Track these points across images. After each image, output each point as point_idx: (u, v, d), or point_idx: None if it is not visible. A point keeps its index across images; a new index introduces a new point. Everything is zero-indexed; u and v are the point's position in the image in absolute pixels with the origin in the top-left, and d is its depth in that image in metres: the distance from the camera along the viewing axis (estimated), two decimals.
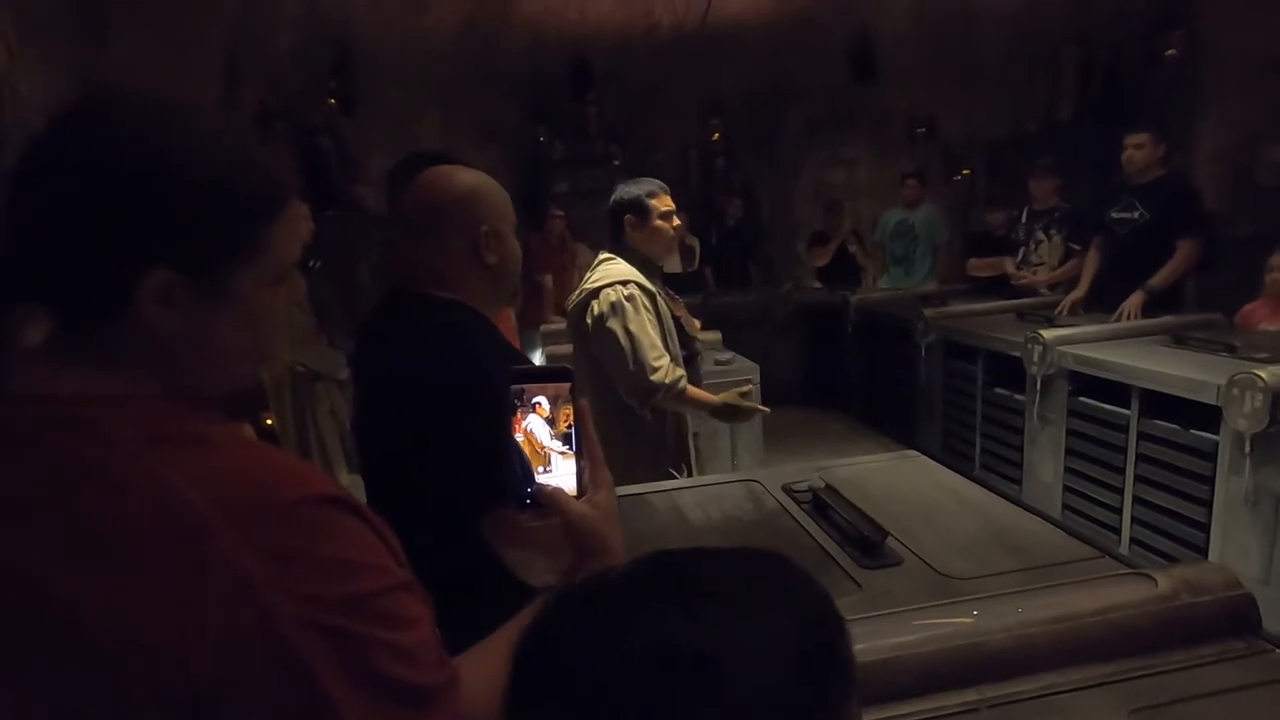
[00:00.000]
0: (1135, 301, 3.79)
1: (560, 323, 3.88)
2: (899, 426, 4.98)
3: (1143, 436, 3.11)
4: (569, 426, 0.83)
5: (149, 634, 0.56)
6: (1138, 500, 3.15)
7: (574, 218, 5.67)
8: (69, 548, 0.58)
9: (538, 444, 0.83)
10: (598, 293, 2.29)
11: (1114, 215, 4.01)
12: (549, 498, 0.82)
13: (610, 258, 2.38)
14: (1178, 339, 3.39)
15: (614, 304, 2.25)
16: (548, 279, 5.34)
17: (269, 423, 3.79)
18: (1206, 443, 2.82)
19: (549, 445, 0.83)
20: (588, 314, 2.30)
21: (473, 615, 0.81)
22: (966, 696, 1.03)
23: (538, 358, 4.23)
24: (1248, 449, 2.61)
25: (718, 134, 7.02)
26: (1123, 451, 3.19)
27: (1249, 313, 3.66)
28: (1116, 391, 3.21)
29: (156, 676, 0.56)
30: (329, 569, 0.62)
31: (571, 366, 0.87)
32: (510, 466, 0.82)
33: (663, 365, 2.23)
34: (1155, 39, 5.60)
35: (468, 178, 1.41)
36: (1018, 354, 3.71)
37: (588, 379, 2.29)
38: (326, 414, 4.11)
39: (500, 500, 0.85)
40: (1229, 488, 2.73)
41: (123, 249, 0.62)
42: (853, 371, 5.73)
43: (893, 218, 6.03)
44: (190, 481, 0.59)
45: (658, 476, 2.21)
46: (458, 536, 1.17)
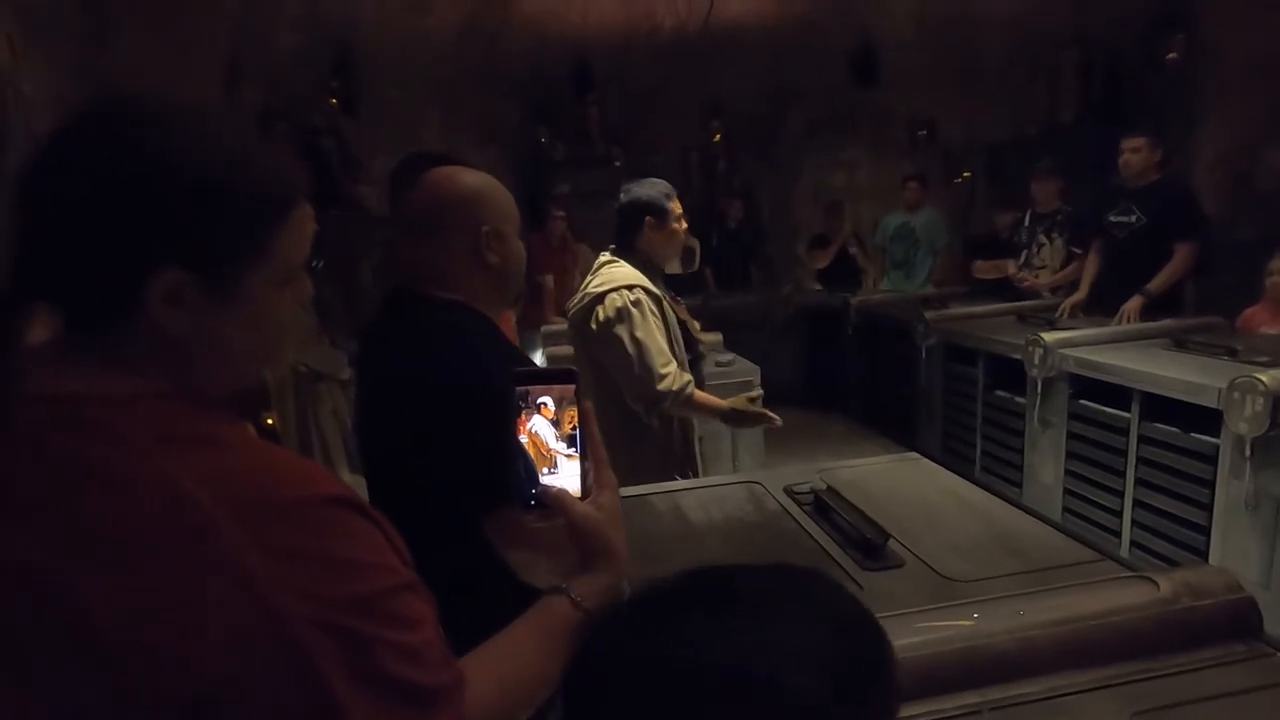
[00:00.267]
0: (1134, 305, 3.80)
1: (561, 324, 3.87)
2: (899, 429, 4.98)
3: (1143, 440, 3.11)
4: (574, 428, 0.83)
5: (149, 634, 0.56)
6: (1138, 503, 3.15)
7: (575, 219, 5.67)
8: (74, 546, 0.58)
9: (543, 445, 0.83)
10: (603, 298, 2.24)
11: (1111, 219, 4.01)
12: (554, 499, 0.82)
13: (613, 260, 2.34)
14: (1178, 342, 3.39)
15: (620, 309, 2.21)
16: (549, 280, 5.34)
17: (270, 422, 3.79)
18: (1207, 446, 2.82)
19: (554, 447, 0.83)
20: (592, 319, 2.26)
21: (475, 616, 0.81)
22: (968, 699, 1.03)
23: (538, 358, 4.22)
24: (1248, 452, 2.61)
25: (718, 136, 7.02)
26: (1123, 454, 3.19)
27: (1249, 316, 3.66)
28: (1117, 394, 3.21)
29: (156, 676, 0.56)
30: (336, 569, 0.62)
31: (575, 369, 0.87)
32: (515, 467, 0.83)
33: (670, 372, 2.20)
34: (1156, 42, 5.59)
35: (471, 178, 1.41)
36: (1018, 356, 3.71)
37: (591, 382, 2.26)
38: (329, 414, 4.10)
39: (502, 501, 0.85)
40: (1229, 491, 2.73)
41: (131, 249, 0.63)
42: (853, 374, 5.73)
43: (893, 221, 6.03)
44: (199, 481, 0.60)
45: (664, 481, 2.18)
46: (460, 537, 1.17)
